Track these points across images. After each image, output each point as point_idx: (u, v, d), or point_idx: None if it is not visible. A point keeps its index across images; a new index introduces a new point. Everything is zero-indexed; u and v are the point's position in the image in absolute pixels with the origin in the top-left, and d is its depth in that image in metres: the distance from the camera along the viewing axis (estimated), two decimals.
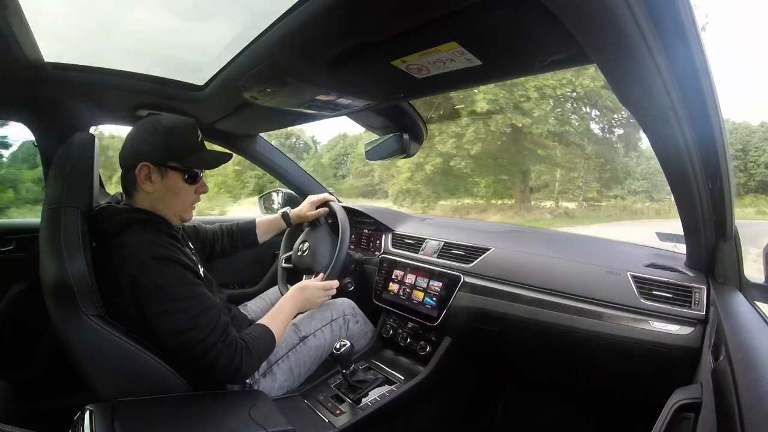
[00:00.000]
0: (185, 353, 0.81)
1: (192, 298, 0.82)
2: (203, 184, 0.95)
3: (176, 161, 0.88)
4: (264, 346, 0.92)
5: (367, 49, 0.70)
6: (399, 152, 1.36)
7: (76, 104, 1.22)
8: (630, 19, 0.46)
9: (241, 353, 0.85)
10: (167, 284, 0.79)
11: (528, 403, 1.38)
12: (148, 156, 0.86)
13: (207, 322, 0.82)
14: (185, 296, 0.81)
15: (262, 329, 0.95)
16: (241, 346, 0.86)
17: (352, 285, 1.45)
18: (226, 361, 0.83)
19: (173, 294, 0.79)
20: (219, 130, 1.46)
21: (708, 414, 0.54)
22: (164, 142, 0.87)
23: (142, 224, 0.83)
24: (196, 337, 0.80)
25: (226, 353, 0.83)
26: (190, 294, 0.82)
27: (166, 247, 0.82)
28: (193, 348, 0.80)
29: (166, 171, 0.88)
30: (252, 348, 0.88)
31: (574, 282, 1.00)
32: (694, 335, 0.84)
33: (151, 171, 0.86)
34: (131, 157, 0.86)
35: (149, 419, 0.74)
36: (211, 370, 0.83)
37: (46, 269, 0.77)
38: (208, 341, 0.81)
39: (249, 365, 0.87)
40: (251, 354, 0.87)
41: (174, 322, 0.79)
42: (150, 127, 0.88)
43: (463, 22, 0.59)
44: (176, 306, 0.79)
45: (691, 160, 0.67)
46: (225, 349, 0.83)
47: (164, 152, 0.87)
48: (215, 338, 0.82)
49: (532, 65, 0.74)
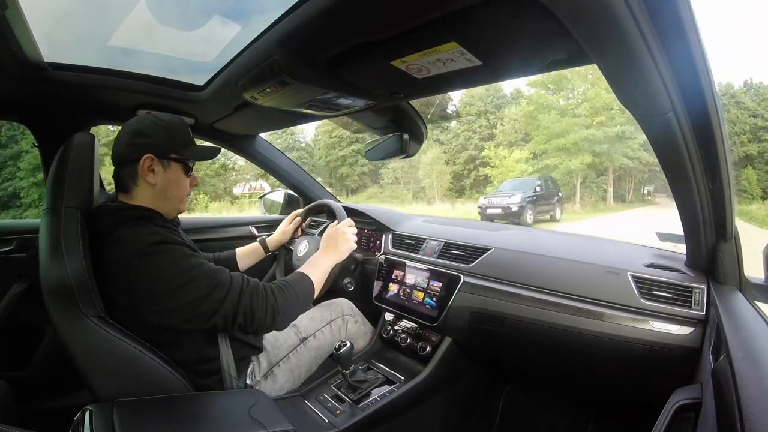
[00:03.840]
0: (215, 317, 0.80)
1: (199, 266, 0.81)
2: (195, 177, 0.97)
3: (177, 153, 0.90)
4: (299, 287, 0.92)
5: (367, 49, 0.70)
6: (399, 152, 1.36)
7: (76, 104, 1.22)
8: (630, 19, 0.46)
9: (273, 292, 0.86)
10: (170, 262, 0.79)
11: (528, 403, 1.38)
12: (152, 148, 0.86)
13: (222, 280, 0.82)
14: (192, 266, 0.80)
15: (296, 274, 0.95)
16: (270, 287, 0.86)
17: (352, 285, 1.45)
18: (260, 303, 0.83)
19: (179, 268, 0.79)
20: (219, 130, 1.47)
21: (708, 414, 0.54)
22: (166, 135, 0.88)
23: (137, 220, 0.83)
24: (219, 294, 0.80)
25: (256, 296, 0.83)
26: (196, 263, 0.81)
27: (162, 234, 0.82)
28: (222, 308, 0.80)
29: (168, 163, 0.89)
30: (284, 288, 0.88)
31: (574, 282, 1.00)
32: (694, 335, 0.84)
33: (154, 163, 0.87)
34: (132, 151, 0.86)
35: (149, 419, 0.73)
36: (252, 321, 0.83)
37: (46, 270, 0.77)
38: (233, 293, 0.81)
39: (286, 304, 0.87)
40: (285, 292, 0.88)
41: (190, 293, 0.79)
42: (149, 122, 0.88)
43: (463, 22, 0.59)
44: (187, 277, 0.79)
45: (691, 160, 0.67)
46: (253, 292, 0.83)
47: (167, 144, 0.88)
48: (237, 287, 0.82)
49: (532, 65, 0.75)
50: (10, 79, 1.01)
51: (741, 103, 20.90)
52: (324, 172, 23.58)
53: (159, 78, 1.16)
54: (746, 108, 20.81)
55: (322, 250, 1.07)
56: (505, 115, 21.26)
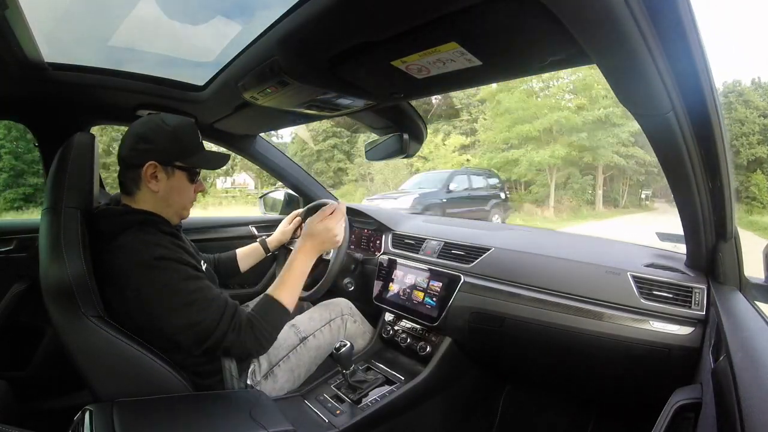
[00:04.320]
0: (206, 343, 0.82)
1: (197, 291, 0.82)
2: (200, 183, 0.95)
3: (182, 161, 0.88)
4: (273, 317, 0.92)
5: (367, 49, 0.70)
6: (399, 152, 1.36)
7: (76, 104, 1.22)
8: (630, 19, 0.46)
9: (251, 337, 0.86)
10: (171, 282, 0.79)
11: (528, 403, 1.38)
12: (155, 155, 0.85)
13: (215, 312, 0.82)
14: (190, 290, 0.81)
15: (264, 301, 0.93)
16: (247, 329, 0.87)
17: (352, 285, 1.45)
18: (238, 347, 0.85)
19: (179, 290, 0.79)
20: (219, 130, 1.46)
21: (708, 414, 0.54)
22: (171, 142, 0.86)
23: (140, 225, 0.83)
24: (208, 328, 0.81)
25: (238, 342, 0.84)
26: (195, 288, 0.82)
27: (166, 247, 0.82)
28: (207, 340, 0.81)
29: (172, 171, 0.88)
30: (260, 328, 0.88)
31: (574, 282, 1.00)
32: (694, 335, 0.84)
33: (158, 170, 0.86)
34: (136, 157, 0.85)
35: (149, 419, 0.73)
36: (241, 352, 0.88)
37: (46, 270, 0.77)
38: (219, 331, 0.82)
39: (260, 344, 0.88)
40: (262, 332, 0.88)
41: (184, 317, 0.79)
42: (154, 126, 0.87)
43: (463, 22, 0.59)
44: (184, 301, 0.79)
45: (691, 160, 0.67)
46: (235, 338, 0.84)
47: (171, 152, 0.87)
48: (225, 326, 0.83)
49: (531, 65, 0.75)
50: (10, 79, 1.01)
51: (750, 101, 18.65)
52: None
53: (159, 78, 1.16)
54: (756, 107, 18.54)
55: (300, 251, 0.99)
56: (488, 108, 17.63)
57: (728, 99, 18.71)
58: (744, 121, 18.22)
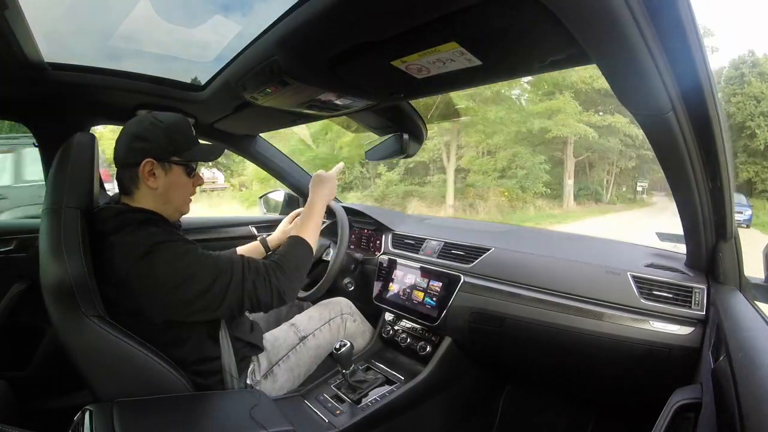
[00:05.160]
0: (221, 307, 0.81)
1: (200, 258, 0.82)
2: (199, 177, 0.95)
3: (178, 156, 0.88)
4: (297, 253, 0.93)
5: (367, 49, 0.70)
6: (399, 152, 1.36)
7: (76, 104, 1.22)
8: (630, 19, 0.46)
9: (274, 272, 0.86)
10: (172, 258, 0.79)
11: (528, 403, 1.38)
12: (152, 152, 0.85)
13: (225, 268, 0.82)
14: (193, 260, 0.81)
15: (290, 241, 0.97)
16: (270, 267, 0.87)
17: (353, 285, 1.45)
18: (265, 287, 0.85)
19: (182, 263, 0.79)
20: (219, 130, 1.46)
21: (708, 414, 0.54)
22: (166, 138, 0.86)
23: (140, 224, 0.83)
24: (222, 284, 0.81)
25: (259, 281, 0.84)
26: (195, 256, 0.82)
27: (161, 234, 0.82)
28: (227, 297, 0.81)
29: (170, 166, 0.88)
30: (282, 263, 0.89)
31: (574, 282, 1.00)
32: (694, 335, 0.84)
33: (155, 167, 0.86)
34: (132, 155, 0.85)
35: (149, 419, 0.73)
36: (259, 305, 0.85)
37: (46, 270, 0.77)
38: (235, 282, 0.82)
39: (288, 281, 0.89)
40: (284, 268, 0.89)
41: (194, 286, 0.79)
42: (148, 124, 0.87)
43: (463, 22, 0.59)
44: (189, 271, 0.79)
45: (691, 160, 0.67)
46: (256, 277, 0.84)
47: (167, 147, 0.87)
48: (239, 275, 0.83)
49: (531, 65, 0.75)
50: (10, 79, 1.01)
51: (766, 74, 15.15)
52: None
53: (159, 78, 1.16)
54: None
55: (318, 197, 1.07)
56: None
57: (740, 71, 15.77)
58: (760, 97, 15.00)
